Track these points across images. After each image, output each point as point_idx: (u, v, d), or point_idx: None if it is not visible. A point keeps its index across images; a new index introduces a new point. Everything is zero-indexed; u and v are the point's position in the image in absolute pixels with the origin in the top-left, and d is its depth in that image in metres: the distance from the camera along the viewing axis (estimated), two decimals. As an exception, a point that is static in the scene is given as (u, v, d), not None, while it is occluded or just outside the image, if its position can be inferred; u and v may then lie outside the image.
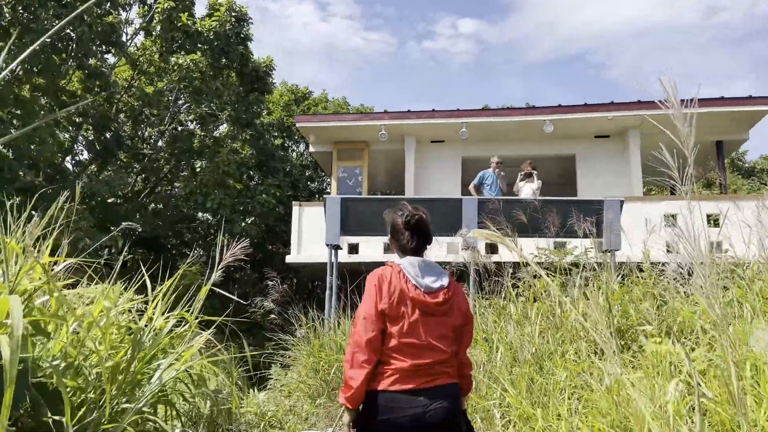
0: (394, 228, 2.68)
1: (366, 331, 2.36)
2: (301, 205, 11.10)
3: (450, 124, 11.51)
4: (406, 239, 2.61)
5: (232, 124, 15.27)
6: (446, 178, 12.07)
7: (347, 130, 12.02)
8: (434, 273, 2.54)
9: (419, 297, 2.43)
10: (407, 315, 2.41)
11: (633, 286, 5.51)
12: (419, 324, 2.41)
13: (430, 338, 2.40)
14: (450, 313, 2.50)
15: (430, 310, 2.44)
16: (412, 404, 2.32)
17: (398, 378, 2.35)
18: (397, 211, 2.71)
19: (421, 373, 2.36)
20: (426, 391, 2.35)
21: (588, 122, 11.54)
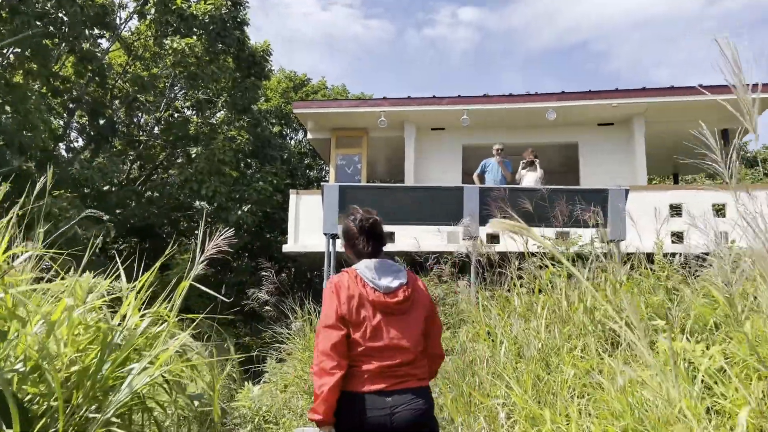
0: (348, 233, 2.68)
1: (329, 338, 2.34)
2: (299, 193, 10.86)
3: (451, 111, 11.24)
4: (362, 244, 2.61)
5: (228, 110, 14.98)
6: (447, 166, 11.83)
7: (346, 117, 11.76)
8: (391, 272, 2.53)
9: (379, 299, 2.42)
10: (369, 319, 2.41)
11: (641, 278, 5.29)
12: (382, 326, 2.41)
13: (395, 339, 2.40)
14: (412, 309, 2.50)
15: (390, 310, 2.43)
16: (381, 405, 2.32)
17: (367, 379, 2.35)
18: (349, 216, 2.72)
19: (389, 374, 2.36)
20: (395, 393, 2.35)
21: (591, 109, 11.28)
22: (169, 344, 2.63)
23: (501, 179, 10.35)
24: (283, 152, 17.59)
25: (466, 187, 8.90)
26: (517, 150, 11.00)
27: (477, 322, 5.20)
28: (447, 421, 4.40)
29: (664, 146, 12.52)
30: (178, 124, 14.58)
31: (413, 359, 2.43)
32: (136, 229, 14.21)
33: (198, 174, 12.53)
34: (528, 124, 11.62)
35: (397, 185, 9.87)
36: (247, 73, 14.93)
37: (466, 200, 8.58)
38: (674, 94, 10.69)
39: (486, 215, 8.08)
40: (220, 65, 13.36)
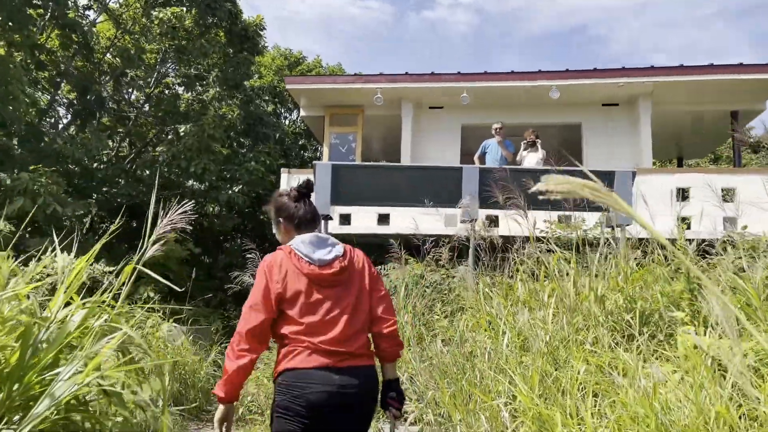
0: (280, 207, 2.58)
1: (248, 321, 2.27)
2: (290, 171, 10.42)
3: (450, 89, 10.79)
4: (300, 210, 2.55)
5: (219, 86, 14.47)
6: (445, 146, 11.39)
7: (341, 94, 11.28)
8: (326, 245, 2.46)
9: (314, 272, 2.36)
10: (304, 294, 2.33)
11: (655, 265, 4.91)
12: (320, 301, 2.34)
13: (333, 314, 2.34)
14: (350, 282, 2.44)
15: (326, 282, 2.37)
16: (324, 381, 2.25)
17: (309, 355, 2.27)
18: (276, 196, 2.65)
19: (331, 351, 2.28)
20: (339, 370, 2.28)
21: (596, 89, 10.84)
22: (101, 344, 2.18)
23: (501, 160, 9.94)
24: (276, 131, 17.09)
25: (465, 167, 8.51)
26: (518, 130, 10.56)
27: (477, 310, 4.83)
28: (444, 418, 4.05)
29: (669, 129, 12.12)
30: (167, 99, 14.06)
31: (353, 334, 2.36)
32: (123, 207, 13.75)
33: (186, 151, 12.07)
34: (530, 103, 11.19)
35: (394, 164, 9.46)
36: (240, 48, 14.41)
37: (466, 181, 8.18)
38: (683, 73, 10.26)
39: (487, 197, 7.69)
40: (210, 39, 12.84)
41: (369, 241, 10.55)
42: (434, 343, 4.96)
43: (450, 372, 4.11)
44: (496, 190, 5.30)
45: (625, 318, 4.23)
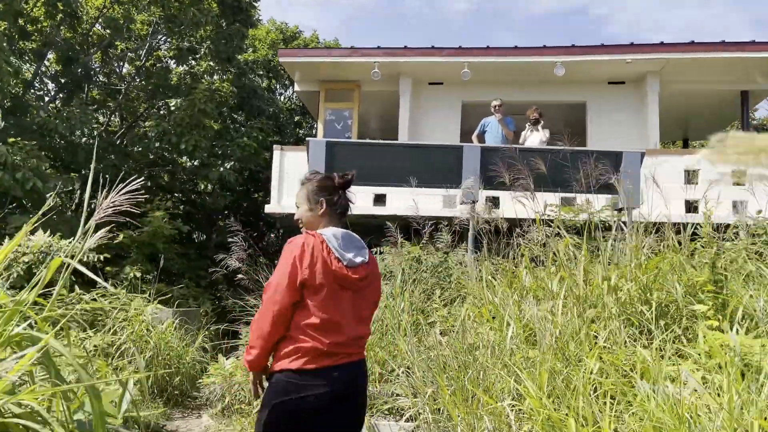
0: (324, 187, 2.48)
1: (274, 303, 2.22)
2: (283, 149, 10.02)
3: (451, 64, 10.36)
4: (342, 199, 2.50)
5: (211, 59, 13.96)
6: (445, 124, 10.99)
7: (336, 68, 10.84)
8: (356, 247, 2.41)
9: (341, 271, 2.30)
10: (327, 289, 2.26)
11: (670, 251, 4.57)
12: (338, 301, 2.30)
13: (349, 315, 2.32)
14: (368, 289, 2.44)
15: (349, 285, 2.33)
16: (327, 381, 2.23)
17: (316, 356, 2.22)
18: (316, 174, 2.57)
19: (338, 350, 2.26)
20: (340, 367, 2.27)
21: (603, 66, 10.43)
22: (8, 362, 1.80)
23: (502, 139, 9.57)
24: (270, 106, 16.62)
25: (466, 146, 8.12)
26: (521, 108, 10.17)
27: (479, 299, 4.49)
28: (444, 417, 3.73)
29: (676, 109, 11.74)
30: (157, 72, 13.57)
31: (362, 336, 2.41)
32: (111, 183, 13.32)
33: (177, 126, 11.62)
34: (533, 80, 10.77)
35: (391, 142, 9.06)
36: (232, 20, 13.87)
37: (466, 160, 7.80)
38: (694, 50, 9.85)
39: (488, 177, 7.33)
40: (201, 8, 12.31)
41: (365, 223, 10.21)
42: (432, 332, 4.64)
43: (450, 367, 3.78)
44: (503, 170, 4.93)
45: (639, 309, 3.91)
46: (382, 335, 4.64)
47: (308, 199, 2.46)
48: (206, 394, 6.01)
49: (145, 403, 5.70)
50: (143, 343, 6.15)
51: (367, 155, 8.21)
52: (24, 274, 6.11)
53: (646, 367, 3.16)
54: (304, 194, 2.48)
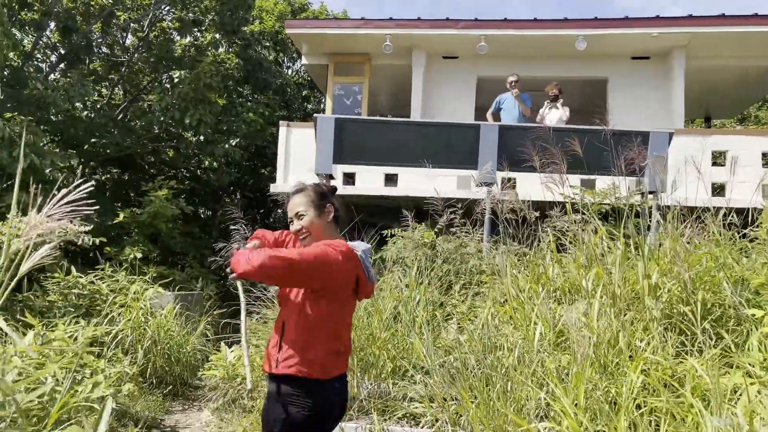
0: (325, 194, 2.40)
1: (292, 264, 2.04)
2: (289, 125, 9.59)
3: (467, 36, 9.83)
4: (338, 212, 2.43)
5: (216, 30, 13.45)
6: (459, 100, 10.51)
7: (346, 40, 10.34)
8: (370, 262, 2.38)
9: (365, 286, 2.32)
10: (347, 298, 2.30)
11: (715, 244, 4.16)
12: (350, 310, 2.36)
13: (349, 325, 2.40)
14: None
15: (361, 297, 2.39)
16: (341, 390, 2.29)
17: (333, 363, 2.23)
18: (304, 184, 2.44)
19: (342, 357, 2.30)
20: (341, 378, 2.30)
21: (626, 40, 9.89)
22: None
23: (519, 117, 9.11)
24: (276, 79, 16.11)
25: (483, 124, 7.67)
26: (539, 84, 9.69)
27: (502, 296, 4.11)
28: (464, 427, 3.38)
29: (699, 86, 11.19)
30: (159, 43, 13.09)
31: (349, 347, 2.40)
32: (114, 159, 12.97)
33: (181, 101, 11.19)
34: (553, 55, 10.24)
35: (404, 120, 8.61)
36: (238, -11, 13.32)
37: (484, 140, 7.37)
38: (724, 23, 9.28)
39: (509, 157, 6.90)
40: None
41: (375, 204, 9.82)
42: (450, 330, 4.28)
43: (472, 376, 3.41)
44: (530, 150, 4.51)
45: (682, 311, 3.52)
46: (395, 332, 4.28)
47: (314, 205, 2.31)
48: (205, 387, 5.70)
49: (144, 396, 5.41)
50: (141, 332, 5.82)
51: (378, 133, 7.78)
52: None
53: (699, 382, 2.79)
54: (307, 201, 2.31)
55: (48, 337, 4.47)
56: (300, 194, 2.34)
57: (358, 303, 4.68)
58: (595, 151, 6.15)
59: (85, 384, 3.83)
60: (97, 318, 6.02)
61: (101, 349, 5.37)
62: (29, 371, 3.58)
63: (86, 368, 4.39)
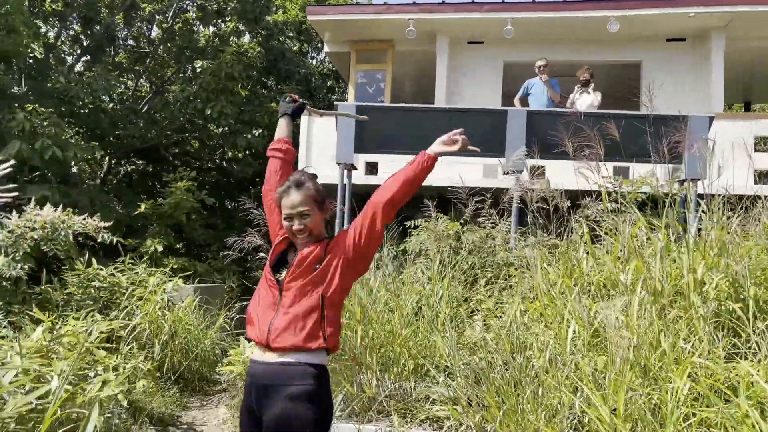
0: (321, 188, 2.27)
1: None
2: (311, 114, 9.37)
3: (493, 20, 9.48)
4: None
5: (237, 19, 13.30)
6: (485, 87, 10.17)
7: (368, 26, 10.07)
8: None
9: None
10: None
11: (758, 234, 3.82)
12: None
13: None
14: None
15: None
16: None
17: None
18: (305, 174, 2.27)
19: None
20: None
21: (662, 20, 9.43)
22: None
23: (548, 103, 8.75)
24: (300, 69, 15.92)
25: (511, 109, 7.36)
26: (568, 69, 9.32)
27: (531, 290, 3.84)
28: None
29: (737, 69, 10.66)
30: (181, 33, 12.99)
31: None
32: (139, 151, 12.94)
33: (203, 91, 11.07)
34: (583, 37, 9.83)
35: (427, 106, 8.33)
36: (260, -23, 13.15)
37: (511, 126, 7.05)
38: None
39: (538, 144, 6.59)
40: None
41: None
42: (475, 327, 4.03)
43: (499, 376, 3.16)
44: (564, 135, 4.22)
45: (731, 308, 3.21)
46: (416, 329, 4.04)
47: (316, 202, 2.18)
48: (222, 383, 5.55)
49: (160, 392, 5.28)
50: (158, 325, 5.68)
51: (400, 120, 7.51)
52: (32, 251, 5.67)
53: (755, 389, 2.49)
54: (310, 198, 2.16)
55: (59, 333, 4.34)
56: (301, 190, 2.16)
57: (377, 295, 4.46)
58: (630, 137, 5.81)
59: (95, 382, 3.68)
60: (115, 311, 5.91)
61: (117, 344, 5.26)
62: (34, 369, 3.44)
63: (98, 365, 4.25)
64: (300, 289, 2.10)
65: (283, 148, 2.47)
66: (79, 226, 5.86)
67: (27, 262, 5.56)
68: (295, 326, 2.06)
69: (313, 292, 2.09)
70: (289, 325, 2.06)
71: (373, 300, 4.09)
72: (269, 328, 2.08)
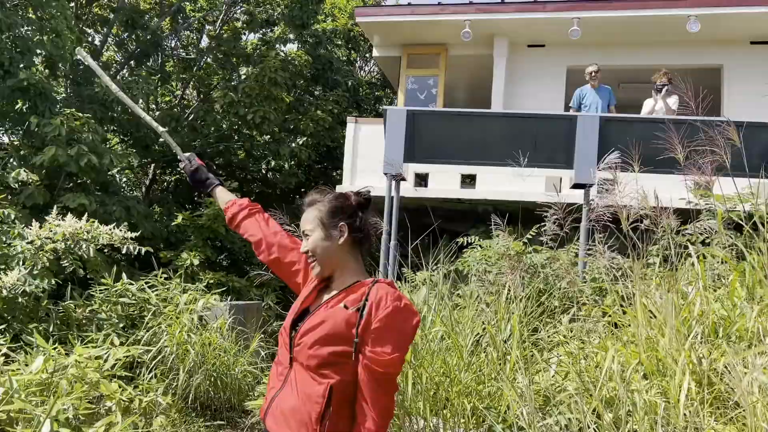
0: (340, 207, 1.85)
1: (395, 382, 1.71)
2: (357, 120, 8.80)
3: (556, 20, 8.73)
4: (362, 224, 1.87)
5: (284, 25, 12.92)
6: (546, 94, 9.36)
7: (421, 29, 9.45)
8: None
9: None
10: None
11: None
12: None
13: None
14: None
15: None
16: None
17: None
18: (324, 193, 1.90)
19: None
20: None
21: (747, 21, 8.51)
22: None
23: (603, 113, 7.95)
24: (348, 79, 15.45)
25: (581, 115, 6.60)
26: (638, 74, 8.50)
27: (629, 335, 3.07)
28: None
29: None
30: (226, 40, 12.68)
31: None
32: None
33: (246, 97, 10.66)
34: (656, 39, 8.96)
35: (484, 111, 7.63)
36: (309, -16, 12.71)
37: (581, 134, 6.29)
38: None
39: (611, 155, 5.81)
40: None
41: (449, 207, 8.88)
42: (548, 368, 3.30)
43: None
44: (674, 143, 3.50)
45: None
46: (476, 371, 3.34)
47: (322, 223, 1.84)
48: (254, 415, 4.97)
49: (184, 425, 4.72)
50: (184, 349, 5.13)
51: (455, 127, 6.85)
52: (51, 266, 5.22)
53: None
54: (316, 217, 1.85)
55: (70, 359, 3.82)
56: (311, 208, 1.88)
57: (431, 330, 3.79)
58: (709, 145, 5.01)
59: (96, 426, 3.12)
60: (143, 330, 5.42)
61: (138, 371, 4.74)
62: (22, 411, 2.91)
63: (108, 399, 3.71)
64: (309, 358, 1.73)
65: (243, 206, 2.15)
66: (104, 237, 5.41)
67: (47, 277, 5.11)
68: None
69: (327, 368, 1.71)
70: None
71: (425, 336, 3.41)
72: (269, 404, 1.77)
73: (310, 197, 1.92)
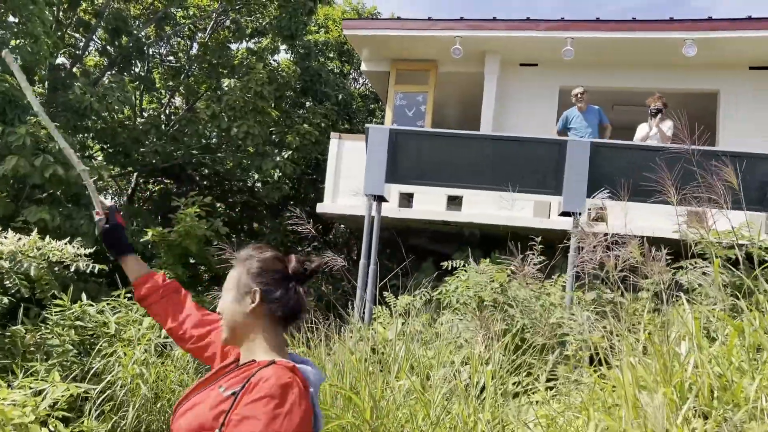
0: (267, 270, 1.55)
1: None
2: (341, 137, 8.47)
3: (550, 40, 8.44)
4: (288, 296, 1.53)
5: (272, 36, 12.61)
6: (537, 115, 9.07)
7: (410, 44, 9.16)
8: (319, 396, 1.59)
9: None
10: None
11: None
12: None
13: None
14: None
15: None
16: None
17: None
18: (260, 250, 1.61)
19: None
20: None
21: (745, 45, 8.25)
22: None
23: (592, 135, 7.66)
24: (338, 92, 15.13)
25: (571, 140, 6.30)
26: (634, 97, 8.22)
27: (614, 394, 2.72)
28: None
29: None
30: (212, 48, 12.36)
31: None
32: (163, 170, 12.25)
33: (229, 110, 10.31)
34: (651, 62, 8.70)
35: (471, 133, 7.30)
36: (300, -5, 12.41)
37: (571, 159, 5.97)
38: None
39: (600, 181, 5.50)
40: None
41: (435, 230, 8.55)
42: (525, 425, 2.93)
43: None
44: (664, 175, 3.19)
45: None
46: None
47: (238, 284, 1.55)
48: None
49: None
50: (136, 383, 4.74)
51: (440, 148, 6.53)
52: (-6, 287, 4.84)
53: None
54: (236, 276, 1.58)
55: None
56: (239, 264, 1.60)
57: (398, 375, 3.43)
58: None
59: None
60: (95, 360, 5.02)
61: (81, 410, 4.35)
62: None
63: (34, 449, 3.32)
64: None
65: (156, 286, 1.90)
66: (55, 254, 5.03)
67: (-14, 300, 4.72)
68: None
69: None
70: None
71: (389, 387, 3.05)
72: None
73: (245, 252, 1.66)
